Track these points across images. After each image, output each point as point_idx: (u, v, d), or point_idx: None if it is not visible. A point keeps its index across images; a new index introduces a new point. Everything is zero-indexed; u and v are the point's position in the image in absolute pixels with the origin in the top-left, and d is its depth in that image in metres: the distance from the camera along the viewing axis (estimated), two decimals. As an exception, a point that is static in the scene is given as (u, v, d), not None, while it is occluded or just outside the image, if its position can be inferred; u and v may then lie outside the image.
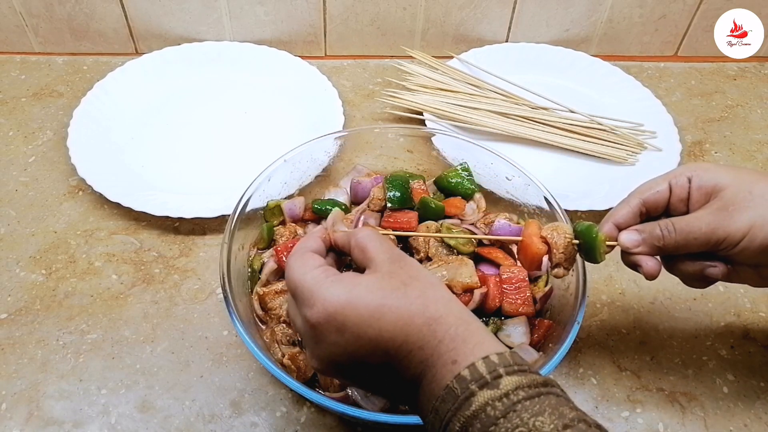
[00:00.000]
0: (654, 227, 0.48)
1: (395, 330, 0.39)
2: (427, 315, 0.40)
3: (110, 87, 0.86)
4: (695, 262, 0.49)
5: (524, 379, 0.36)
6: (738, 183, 0.47)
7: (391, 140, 0.74)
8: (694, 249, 0.48)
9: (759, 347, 0.65)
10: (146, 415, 0.57)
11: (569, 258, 0.52)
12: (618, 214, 0.51)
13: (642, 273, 0.49)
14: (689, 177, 0.49)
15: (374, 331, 0.39)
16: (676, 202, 0.50)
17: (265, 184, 0.64)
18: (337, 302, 0.40)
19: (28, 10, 0.90)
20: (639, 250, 0.49)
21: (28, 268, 0.68)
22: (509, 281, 0.60)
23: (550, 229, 0.52)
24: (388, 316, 0.39)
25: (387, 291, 0.40)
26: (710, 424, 0.59)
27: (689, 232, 0.47)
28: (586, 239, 0.51)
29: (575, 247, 0.52)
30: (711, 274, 0.49)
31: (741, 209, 0.46)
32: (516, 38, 0.98)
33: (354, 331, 0.40)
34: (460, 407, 0.35)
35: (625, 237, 0.49)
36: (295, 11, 0.92)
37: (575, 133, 0.85)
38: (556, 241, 0.51)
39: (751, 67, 1.02)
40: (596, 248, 0.50)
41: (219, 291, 0.66)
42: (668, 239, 0.48)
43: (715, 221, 0.46)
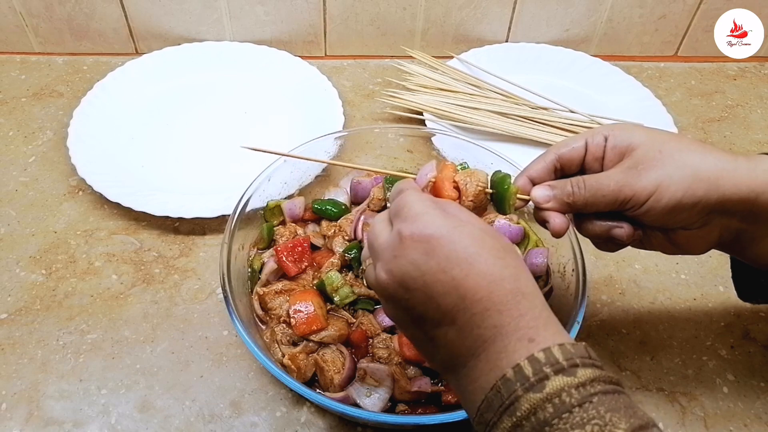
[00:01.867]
0: (565, 184, 0.48)
1: (482, 282, 0.38)
2: (517, 285, 0.38)
3: (110, 87, 0.86)
4: (603, 222, 0.48)
5: (599, 373, 0.35)
6: (650, 142, 0.46)
7: (391, 140, 0.74)
8: (603, 207, 0.47)
9: (759, 347, 0.65)
10: (146, 415, 0.57)
11: (479, 206, 0.51)
12: (533, 168, 0.50)
13: (549, 229, 0.49)
14: (605, 136, 0.48)
15: (461, 273, 0.38)
16: (591, 160, 0.49)
17: (265, 184, 0.64)
18: (438, 229, 0.39)
19: (28, 10, 0.90)
20: (549, 206, 0.48)
21: (28, 268, 0.68)
22: (509, 281, 0.60)
23: (464, 174, 0.51)
24: (480, 266, 0.38)
25: (488, 247, 0.39)
26: (710, 424, 0.59)
27: (598, 189, 0.46)
28: (498, 190, 0.50)
29: (488, 196, 0.51)
30: (616, 235, 0.48)
31: (649, 168, 0.45)
32: (516, 38, 0.98)
33: (441, 262, 0.38)
34: (531, 388, 0.34)
35: (538, 192, 0.49)
36: (295, 11, 0.92)
37: (575, 133, 0.85)
38: (468, 188, 0.51)
39: (751, 67, 1.02)
40: (506, 200, 0.50)
41: (219, 291, 0.66)
42: (578, 196, 0.47)
43: (623, 179, 0.45)
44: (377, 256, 0.42)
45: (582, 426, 0.32)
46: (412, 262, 0.39)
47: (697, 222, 0.47)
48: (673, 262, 0.72)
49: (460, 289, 0.38)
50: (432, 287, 0.38)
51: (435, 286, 0.38)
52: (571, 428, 0.33)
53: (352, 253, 0.60)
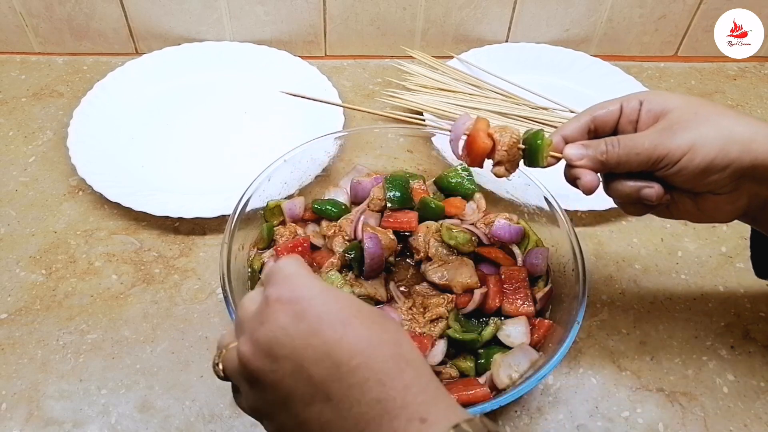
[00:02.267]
0: (599, 143, 0.48)
1: (358, 346, 0.33)
2: (399, 350, 0.34)
3: (110, 87, 0.86)
4: (633, 182, 0.49)
5: None
6: (685, 105, 0.47)
7: (391, 140, 0.74)
8: (635, 166, 0.47)
9: (759, 347, 0.65)
10: (146, 415, 0.57)
11: (512, 160, 0.52)
12: (567, 128, 0.51)
13: (580, 186, 0.49)
14: (641, 100, 0.49)
15: (334, 335, 0.33)
16: (626, 123, 0.50)
17: (265, 184, 0.64)
18: (308, 290, 0.35)
19: (28, 10, 0.90)
20: (582, 163, 0.49)
21: (28, 268, 0.68)
22: (509, 281, 0.60)
23: (499, 128, 0.52)
24: (356, 329, 0.34)
25: (364, 311, 0.36)
26: (710, 425, 0.59)
27: (632, 148, 0.47)
28: (530, 144, 0.51)
29: (520, 151, 0.52)
30: (646, 195, 0.48)
31: (684, 128, 0.46)
32: (516, 38, 0.98)
33: (313, 324, 0.34)
34: None
35: (571, 149, 0.49)
36: (295, 11, 0.92)
37: (575, 133, 0.85)
38: (502, 140, 0.51)
39: (751, 67, 1.02)
40: (539, 152, 0.50)
41: (219, 291, 0.66)
42: (611, 153, 0.48)
43: (658, 138, 0.46)
44: (241, 330, 0.37)
45: None
46: (281, 327, 0.34)
47: (728, 186, 0.47)
48: (673, 262, 0.72)
49: (334, 355, 0.33)
50: (302, 353, 0.33)
51: (305, 351, 0.33)
52: None
53: (352, 253, 0.60)
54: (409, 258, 0.65)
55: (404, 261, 0.65)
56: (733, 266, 0.72)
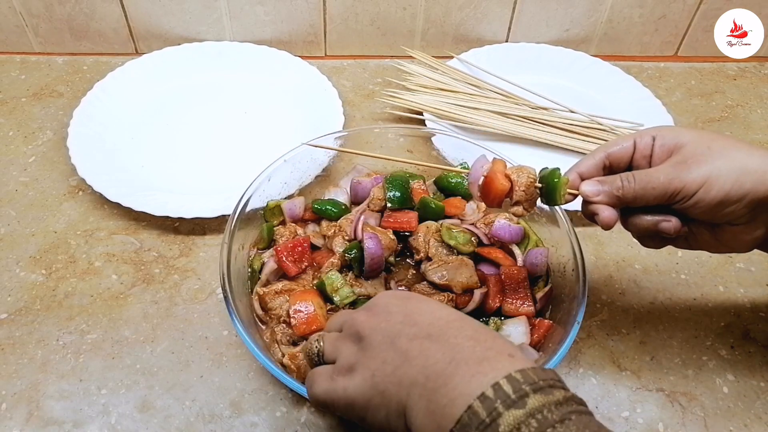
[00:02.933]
0: (615, 178, 0.50)
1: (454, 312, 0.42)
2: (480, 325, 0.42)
3: (110, 87, 0.86)
4: (651, 216, 0.50)
5: (572, 394, 0.36)
6: (698, 139, 0.48)
7: (391, 140, 0.74)
8: (652, 201, 0.48)
9: (759, 347, 0.65)
10: (146, 415, 0.57)
11: (530, 199, 0.53)
12: (583, 165, 0.52)
13: (598, 222, 0.50)
14: (654, 136, 0.50)
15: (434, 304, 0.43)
16: (640, 158, 0.51)
17: (265, 184, 0.64)
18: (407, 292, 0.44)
19: (28, 10, 0.90)
20: (599, 199, 0.50)
21: (28, 268, 0.68)
22: (509, 281, 0.60)
23: (515, 169, 0.54)
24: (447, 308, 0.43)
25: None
26: (710, 424, 0.59)
27: (648, 183, 0.48)
28: (548, 182, 0.52)
29: (537, 189, 0.53)
30: (664, 229, 0.50)
31: (699, 162, 0.47)
32: (516, 38, 0.98)
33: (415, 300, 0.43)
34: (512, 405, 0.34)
35: (587, 186, 0.50)
36: (295, 11, 0.92)
37: (575, 133, 0.85)
38: (519, 180, 0.53)
39: (751, 67, 1.02)
40: (557, 191, 0.51)
41: (219, 291, 0.66)
42: (627, 189, 0.49)
43: (673, 173, 0.47)
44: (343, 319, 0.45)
45: None
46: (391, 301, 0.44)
47: (744, 217, 0.48)
48: (673, 262, 0.72)
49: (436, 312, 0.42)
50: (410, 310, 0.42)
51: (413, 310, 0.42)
52: None
53: (352, 253, 0.60)
54: (409, 258, 0.65)
55: (404, 261, 0.65)
56: (733, 266, 0.72)
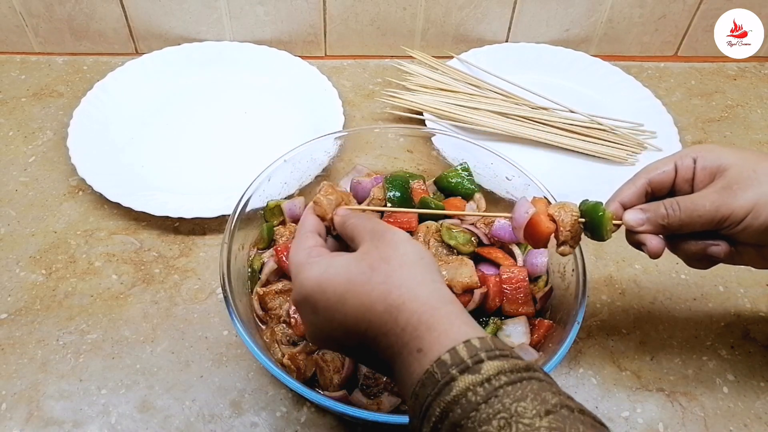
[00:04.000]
0: (659, 206, 0.48)
1: (357, 316, 0.40)
2: (388, 302, 0.39)
3: (110, 87, 0.86)
4: (699, 241, 0.49)
5: (506, 363, 0.35)
6: (742, 163, 0.47)
7: (391, 140, 0.74)
8: (698, 228, 0.47)
9: (759, 347, 0.65)
10: (146, 415, 0.57)
11: (575, 236, 0.52)
12: (624, 193, 0.51)
13: (646, 252, 0.49)
14: (694, 158, 0.49)
15: (341, 316, 0.41)
16: (682, 182, 0.50)
17: (265, 184, 0.64)
18: (309, 285, 0.42)
19: (28, 10, 0.90)
20: (643, 229, 0.49)
21: (28, 268, 0.68)
22: (509, 281, 0.60)
23: (557, 207, 0.52)
24: (351, 302, 0.40)
25: (354, 275, 0.41)
26: (710, 424, 0.59)
27: (693, 210, 0.47)
28: (592, 217, 0.51)
29: (581, 225, 0.52)
30: (714, 253, 0.49)
31: (745, 187, 0.46)
32: (516, 38, 0.98)
33: (324, 314, 0.41)
34: (440, 392, 0.35)
35: (630, 216, 0.49)
36: (295, 11, 0.92)
37: (575, 133, 0.85)
38: (563, 219, 0.51)
39: (751, 67, 1.02)
40: (603, 226, 0.50)
41: (219, 291, 0.66)
42: (672, 218, 0.48)
43: (719, 199, 0.46)
44: None
45: (488, 422, 0.32)
46: (312, 323, 0.43)
47: None
48: (673, 262, 0.72)
49: (350, 329, 0.41)
50: (334, 335, 0.42)
51: (334, 333, 0.42)
52: (479, 425, 0.32)
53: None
54: (409, 258, 0.65)
55: (404, 261, 0.65)
56: (734, 266, 0.72)
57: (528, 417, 0.32)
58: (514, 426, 0.32)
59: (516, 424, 0.32)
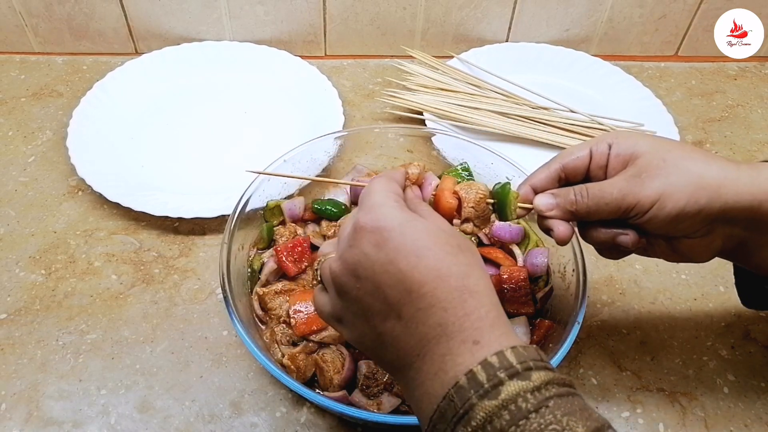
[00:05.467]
0: (568, 192, 0.48)
1: (428, 276, 0.37)
2: (465, 282, 0.38)
3: (110, 87, 0.86)
4: (608, 229, 0.49)
5: (554, 375, 0.34)
6: (653, 151, 0.46)
7: (391, 140, 0.74)
8: (606, 215, 0.47)
9: (760, 347, 0.64)
10: (146, 416, 0.57)
11: (482, 216, 0.52)
12: (536, 177, 0.50)
13: (554, 237, 0.49)
14: (609, 144, 0.48)
15: (407, 265, 0.37)
16: (596, 168, 0.49)
17: (265, 184, 0.64)
18: (389, 221, 0.39)
19: (27, 10, 0.90)
20: (552, 214, 0.48)
21: (27, 268, 0.68)
22: (509, 281, 0.60)
23: (465, 185, 0.52)
24: (427, 260, 0.38)
25: (440, 243, 0.39)
26: (711, 425, 0.58)
27: (601, 198, 0.46)
28: (499, 198, 0.51)
29: (490, 206, 0.52)
30: (622, 242, 0.48)
31: (653, 176, 0.45)
32: (516, 38, 0.98)
33: (390, 253, 0.38)
34: (485, 395, 0.33)
35: (540, 200, 0.49)
36: (295, 11, 0.92)
37: (575, 133, 0.85)
38: (467, 196, 0.51)
39: (752, 67, 1.02)
40: (507, 205, 0.50)
41: (219, 291, 0.66)
42: (581, 204, 0.47)
43: (626, 187, 0.46)
44: (338, 245, 0.42)
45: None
46: (364, 253, 0.39)
47: (701, 230, 0.47)
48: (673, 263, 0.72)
49: (406, 282, 0.37)
50: (380, 278, 0.38)
51: (383, 276, 0.38)
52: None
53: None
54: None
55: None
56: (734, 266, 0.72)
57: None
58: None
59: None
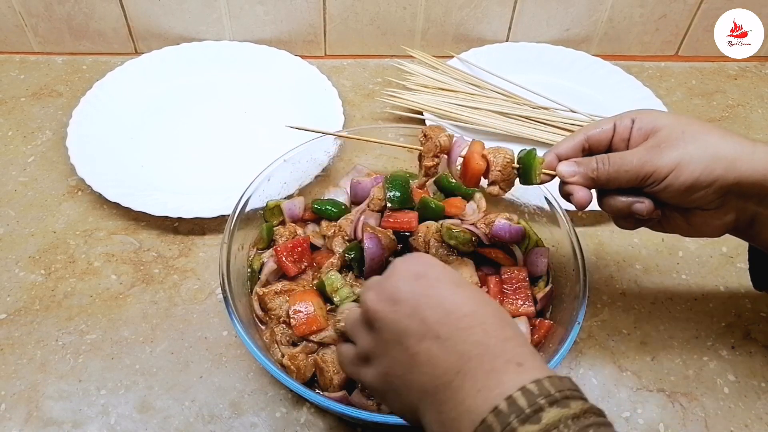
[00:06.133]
0: (590, 160, 0.51)
1: (467, 302, 0.39)
2: (502, 314, 0.40)
3: (110, 87, 0.86)
4: (625, 197, 0.51)
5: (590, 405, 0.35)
6: (673, 124, 0.49)
7: (391, 140, 0.74)
8: (624, 183, 0.49)
9: (760, 347, 0.64)
10: (146, 416, 0.57)
11: (507, 179, 0.54)
12: (562, 146, 0.53)
13: (573, 202, 0.51)
14: (633, 119, 0.51)
15: (447, 290, 0.40)
16: (618, 141, 0.51)
17: (265, 184, 0.64)
18: (430, 260, 0.42)
19: (27, 9, 0.90)
20: (574, 180, 0.51)
21: (27, 268, 0.68)
22: (509, 281, 0.60)
23: (492, 149, 0.54)
24: (467, 292, 0.40)
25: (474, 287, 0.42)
26: (711, 425, 0.58)
27: (621, 165, 0.49)
28: (524, 162, 0.53)
29: (515, 170, 0.54)
30: (637, 210, 0.50)
31: (671, 146, 0.47)
32: (516, 38, 0.98)
33: (430, 281, 0.40)
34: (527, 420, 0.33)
35: (563, 167, 0.51)
36: (295, 11, 0.92)
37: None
38: (495, 160, 0.53)
39: (752, 67, 1.02)
40: (533, 169, 0.52)
41: (219, 291, 0.66)
42: (602, 171, 0.50)
43: (646, 156, 0.48)
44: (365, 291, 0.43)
45: None
46: (404, 279, 0.41)
47: (714, 202, 0.49)
48: (674, 262, 0.72)
49: (446, 304, 0.39)
50: (420, 300, 0.40)
51: (422, 299, 0.39)
52: None
53: (352, 253, 0.60)
54: (409, 258, 0.65)
55: (404, 261, 0.65)
56: (734, 266, 0.72)
57: None
58: None
59: None
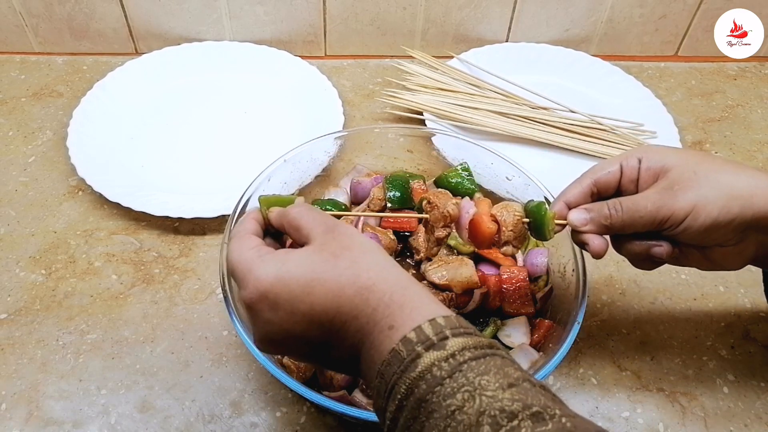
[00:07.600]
0: (602, 206, 0.49)
1: (326, 303, 0.39)
2: (358, 284, 0.39)
3: (110, 87, 0.86)
4: (642, 241, 0.50)
5: (470, 340, 0.36)
6: (683, 164, 0.48)
7: (391, 140, 0.74)
8: (640, 228, 0.48)
9: (759, 347, 0.64)
10: (146, 416, 0.57)
11: (519, 236, 0.52)
12: (569, 193, 0.51)
13: (589, 251, 0.50)
14: (639, 158, 0.50)
15: (306, 306, 0.39)
16: (627, 182, 0.50)
17: (265, 184, 0.64)
18: (266, 280, 0.40)
19: (28, 10, 0.90)
20: (587, 229, 0.49)
21: (27, 268, 0.68)
22: (509, 281, 0.60)
23: (500, 207, 0.52)
24: (318, 290, 0.39)
25: (317, 264, 0.40)
26: (710, 425, 0.58)
27: (635, 211, 0.47)
28: (535, 217, 0.51)
29: (525, 225, 0.52)
30: (656, 254, 0.49)
31: (685, 189, 0.46)
32: (516, 38, 0.98)
33: (286, 307, 0.39)
34: (406, 369, 0.35)
35: (574, 216, 0.50)
36: (295, 11, 0.92)
37: (575, 133, 0.85)
38: (506, 219, 0.52)
39: (752, 67, 1.02)
40: (545, 225, 0.50)
41: (219, 291, 0.66)
42: (615, 218, 0.48)
43: (660, 200, 0.47)
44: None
45: (453, 395, 0.33)
46: (268, 322, 0.40)
47: (733, 239, 0.48)
48: (673, 262, 0.72)
49: (315, 319, 0.39)
50: (294, 330, 0.40)
51: (296, 328, 0.40)
52: (443, 399, 0.33)
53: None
54: (409, 258, 0.65)
55: (404, 261, 0.65)
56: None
57: (491, 389, 0.33)
58: (477, 398, 0.33)
59: (480, 396, 0.33)
